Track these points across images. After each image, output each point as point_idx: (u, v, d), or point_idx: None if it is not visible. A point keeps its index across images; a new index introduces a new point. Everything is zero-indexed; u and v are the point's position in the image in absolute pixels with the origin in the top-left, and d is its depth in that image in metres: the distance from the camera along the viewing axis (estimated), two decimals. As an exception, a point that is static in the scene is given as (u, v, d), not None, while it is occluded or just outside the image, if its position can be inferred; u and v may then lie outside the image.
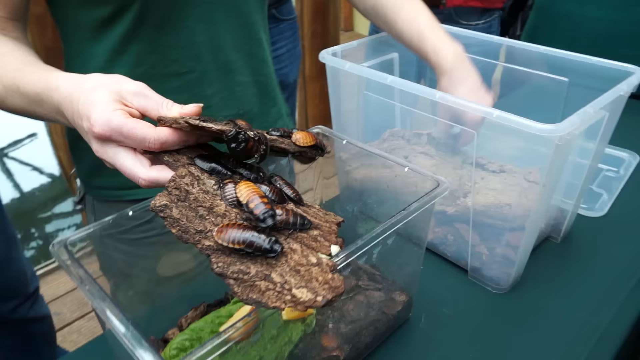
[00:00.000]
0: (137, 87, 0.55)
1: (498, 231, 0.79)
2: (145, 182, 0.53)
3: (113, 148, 0.53)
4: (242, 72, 0.84)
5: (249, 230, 0.46)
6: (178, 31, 0.74)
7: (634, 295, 0.80)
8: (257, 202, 0.47)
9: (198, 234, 0.49)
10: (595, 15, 1.41)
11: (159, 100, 0.55)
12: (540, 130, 0.62)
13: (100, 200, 0.88)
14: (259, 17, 0.86)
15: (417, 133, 0.93)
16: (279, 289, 0.44)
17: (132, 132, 0.51)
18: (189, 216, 0.50)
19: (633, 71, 0.79)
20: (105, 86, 0.54)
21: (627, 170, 1.11)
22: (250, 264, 0.46)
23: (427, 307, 0.78)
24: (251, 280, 0.45)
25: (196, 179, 0.53)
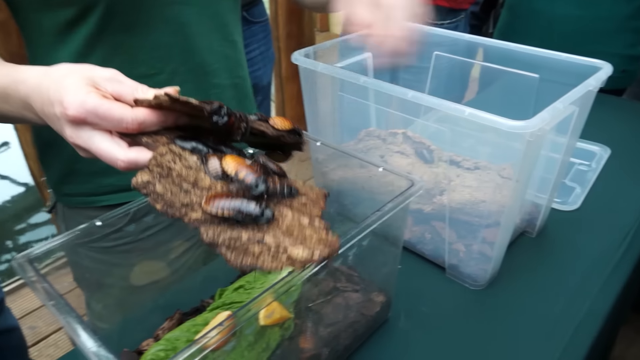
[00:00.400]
0: (110, 73, 0.53)
1: (474, 228, 0.80)
2: (124, 163, 0.50)
3: (88, 132, 0.50)
4: (219, 75, 0.83)
5: (238, 198, 0.46)
6: (145, 32, 0.73)
7: (607, 287, 0.81)
8: (247, 172, 0.47)
9: (184, 207, 0.48)
10: (564, 12, 1.43)
11: (134, 85, 0.53)
12: (511, 127, 0.62)
13: (70, 208, 0.86)
14: (233, 18, 0.85)
15: (393, 132, 0.93)
16: (274, 250, 0.44)
17: (108, 112, 0.49)
18: (174, 190, 0.49)
19: (601, 66, 0.80)
20: (76, 72, 0.52)
21: (598, 164, 1.12)
22: (241, 230, 0.45)
23: (406, 306, 0.78)
24: (244, 245, 0.44)
25: (177, 156, 0.52)
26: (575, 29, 1.43)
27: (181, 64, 0.77)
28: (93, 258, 0.77)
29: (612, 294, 0.80)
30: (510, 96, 0.97)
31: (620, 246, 0.89)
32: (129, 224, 0.65)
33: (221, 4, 0.80)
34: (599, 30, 1.42)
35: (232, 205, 0.45)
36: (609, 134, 1.22)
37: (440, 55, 1.03)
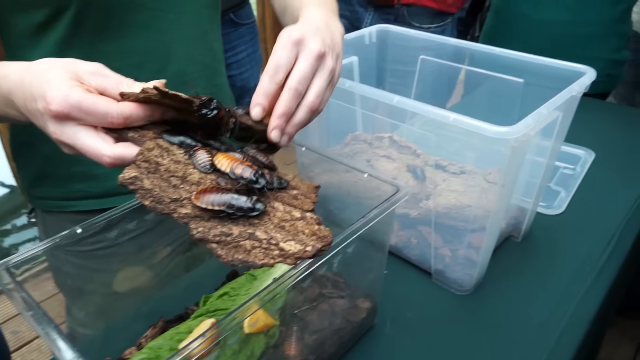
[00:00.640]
0: (94, 67, 0.51)
1: (460, 232, 0.80)
2: (111, 159, 0.49)
3: (72, 127, 0.48)
4: (198, 84, 0.82)
5: (228, 192, 0.45)
6: (119, 38, 0.72)
7: (592, 291, 0.81)
8: (243, 167, 0.47)
9: (173, 203, 0.47)
10: (550, 17, 1.44)
11: (119, 79, 0.52)
12: (495, 133, 0.62)
13: (46, 212, 0.85)
14: (213, 27, 0.84)
15: (379, 136, 0.93)
16: (266, 245, 0.43)
17: (93, 106, 0.47)
18: (162, 186, 0.48)
19: (584, 71, 0.80)
20: (59, 66, 0.50)
21: (583, 167, 1.13)
22: (232, 225, 0.45)
23: (392, 312, 0.78)
24: (235, 240, 0.44)
25: (165, 151, 0.51)
26: (561, 33, 1.44)
27: (157, 72, 0.76)
28: (74, 263, 0.76)
29: (597, 298, 0.81)
30: (496, 100, 0.98)
31: (605, 250, 0.90)
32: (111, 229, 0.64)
33: (201, 12, 0.79)
34: (584, 35, 1.43)
35: (223, 199, 0.45)
36: (594, 137, 1.23)
37: (426, 60, 1.03)
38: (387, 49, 1.09)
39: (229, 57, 1.64)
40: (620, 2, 1.41)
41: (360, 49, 1.01)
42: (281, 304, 0.64)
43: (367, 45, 1.05)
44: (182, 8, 0.76)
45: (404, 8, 1.70)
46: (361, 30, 1.03)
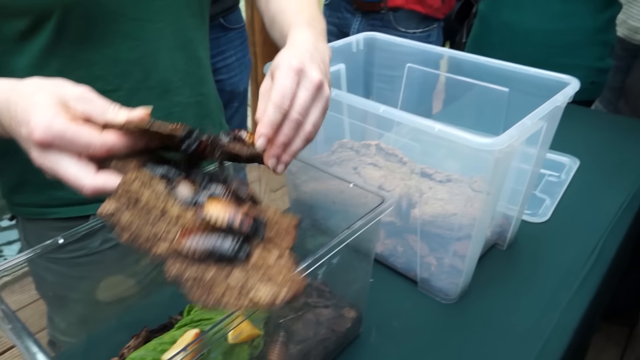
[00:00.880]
0: (80, 91, 0.51)
1: (446, 241, 0.80)
2: (90, 190, 0.48)
3: (55, 155, 0.48)
4: (182, 93, 0.81)
5: (213, 234, 0.45)
6: (101, 47, 0.71)
7: (576, 299, 0.82)
8: (240, 219, 0.45)
9: (150, 240, 0.46)
10: (534, 25, 1.46)
11: (105, 105, 0.52)
12: (480, 144, 0.63)
13: (27, 219, 0.84)
14: (199, 35, 0.83)
15: (366, 144, 0.93)
16: (239, 289, 0.43)
17: (75, 137, 0.47)
18: (140, 221, 0.47)
19: (569, 82, 0.81)
20: (45, 90, 0.50)
21: (568, 175, 1.14)
22: (207, 266, 0.44)
23: (378, 321, 0.78)
24: (209, 283, 0.43)
25: (147, 183, 0.50)
26: (545, 41, 1.45)
27: (141, 81, 0.75)
28: (56, 271, 0.75)
29: (582, 306, 0.81)
30: (482, 108, 0.98)
31: (590, 257, 0.91)
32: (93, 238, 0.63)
33: (186, 21, 0.79)
34: (568, 43, 1.45)
35: (206, 245, 0.44)
36: (578, 144, 1.24)
37: (412, 67, 1.04)
38: (374, 54, 1.09)
39: (218, 62, 1.63)
40: (603, 11, 1.42)
41: (347, 56, 1.01)
42: (266, 314, 0.64)
43: (355, 53, 1.05)
44: (166, 17, 0.75)
45: (390, 13, 1.71)
46: (348, 38, 1.03)
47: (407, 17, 1.71)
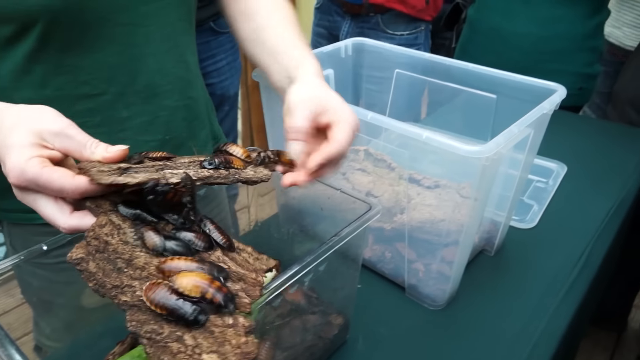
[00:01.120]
0: (59, 127, 0.51)
1: (433, 247, 0.80)
2: (66, 230, 0.51)
3: (32, 195, 0.51)
4: (170, 96, 0.81)
5: (176, 296, 0.44)
6: (88, 52, 0.70)
7: (563, 306, 0.82)
8: (213, 291, 0.44)
9: (114, 289, 0.47)
10: (523, 30, 1.47)
11: (82, 141, 0.52)
12: (467, 152, 0.63)
13: (12, 224, 0.83)
14: (187, 39, 0.83)
15: (354, 149, 0.93)
16: (190, 352, 0.42)
17: (47, 183, 0.49)
18: (106, 270, 0.48)
19: (556, 89, 0.81)
20: (24, 125, 0.51)
21: (555, 181, 1.15)
22: (164, 323, 0.44)
23: (365, 327, 0.78)
24: (164, 341, 0.43)
25: (117, 228, 0.51)
26: (533, 47, 1.46)
27: (127, 85, 0.75)
28: (41, 276, 0.74)
29: (569, 311, 0.82)
30: (470, 114, 0.99)
31: (577, 264, 0.91)
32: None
33: (174, 25, 0.78)
34: (557, 49, 1.46)
35: (169, 304, 0.44)
36: (566, 150, 1.25)
37: (401, 73, 1.04)
38: (363, 59, 1.09)
39: (209, 65, 1.63)
40: (592, 18, 1.44)
41: (336, 61, 1.01)
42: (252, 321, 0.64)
43: (343, 58, 1.06)
44: (155, 22, 0.75)
45: (378, 16, 1.73)
46: (337, 44, 1.03)
47: (395, 20, 1.73)
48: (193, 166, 0.57)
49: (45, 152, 0.50)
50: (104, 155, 0.52)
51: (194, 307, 0.44)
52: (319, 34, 1.92)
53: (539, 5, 1.43)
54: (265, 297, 0.51)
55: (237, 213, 1.00)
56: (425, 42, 1.82)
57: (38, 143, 0.50)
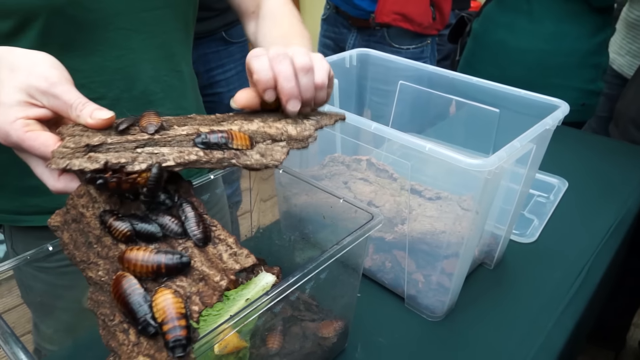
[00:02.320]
0: (46, 85, 0.50)
1: (434, 258, 0.80)
2: (53, 192, 0.51)
3: (23, 153, 0.51)
4: (163, 104, 0.82)
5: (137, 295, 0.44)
6: (87, 55, 0.71)
7: (561, 322, 0.82)
8: (172, 326, 0.42)
9: (82, 263, 0.48)
10: (527, 45, 1.48)
11: (69, 102, 0.50)
12: (469, 165, 0.63)
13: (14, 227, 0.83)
14: (182, 49, 0.84)
15: (357, 159, 0.94)
16: (131, 348, 0.43)
17: (30, 149, 0.49)
18: (78, 242, 0.49)
19: (559, 105, 0.82)
20: (13, 80, 0.50)
21: (556, 196, 1.15)
22: (116, 311, 0.45)
23: (364, 336, 0.78)
24: (113, 328, 0.44)
25: (92, 201, 0.50)
26: (537, 61, 1.47)
27: (125, 91, 0.76)
28: (43, 280, 0.74)
29: (567, 328, 0.82)
30: (473, 127, 1.00)
31: (576, 280, 0.91)
32: None
33: (171, 34, 0.80)
34: (560, 65, 1.47)
35: (130, 299, 0.43)
36: (568, 166, 1.25)
37: (405, 85, 1.05)
38: (367, 69, 1.10)
39: (218, 75, 1.65)
40: (596, 35, 1.45)
41: (341, 71, 1.02)
42: (252, 326, 0.64)
43: (348, 68, 1.06)
44: (152, 29, 0.76)
45: (384, 30, 1.74)
46: (342, 54, 1.04)
47: (400, 34, 1.74)
48: (187, 142, 0.51)
49: (32, 111, 0.49)
50: (87, 122, 0.50)
51: (148, 316, 0.42)
52: (325, 44, 1.93)
53: (543, 21, 1.44)
54: (266, 303, 0.52)
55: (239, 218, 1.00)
56: (431, 55, 1.83)
57: (25, 101, 0.49)
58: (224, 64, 1.64)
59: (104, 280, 0.46)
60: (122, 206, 0.50)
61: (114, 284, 0.44)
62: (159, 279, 0.45)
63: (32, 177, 0.77)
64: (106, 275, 0.47)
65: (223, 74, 1.65)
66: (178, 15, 0.80)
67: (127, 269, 0.45)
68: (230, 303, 0.73)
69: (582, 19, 1.42)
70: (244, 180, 0.90)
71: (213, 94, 1.65)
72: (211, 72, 1.62)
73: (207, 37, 1.56)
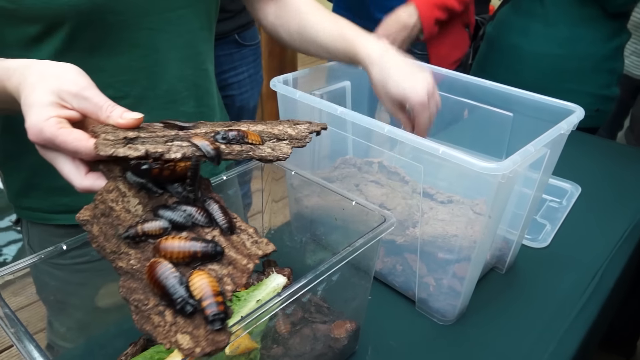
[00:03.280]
0: (77, 88, 0.53)
1: (445, 262, 0.80)
2: (80, 190, 0.53)
3: (52, 153, 0.53)
4: (187, 103, 0.82)
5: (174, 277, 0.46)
6: (112, 55, 0.72)
7: (573, 328, 0.82)
8: (210, 302, 0.44)
9: (112, 254, 0.50)
10: (541, 49, 1.47)
11: (99, 104, 0.54)
12: (483, 168, 0.63)
13: (31, 223, 0.84)
14: (207, 48, 0.85)
15: (369, 161, 0.94)
16: (168, 328, 0.44)
17: (63, 145, 0.51)
18: (108, 234, 0.51)
19: (574, 109, 0.81)
20: (45, 84, 0.53)
21: (569, 201, 1.14)
22: (150, 295, 0.46)
23: (374, 339, 0.78)
24: (147, 312, 0.45)
25: (122, 196, 0.53)
26: (551, 66, 1.46)
27: (148, 89, 0.77)
28: (57, 277, 0.75)
29: (579, 335, 0.81)
30: (485, 130, 0.99)
31: (588, 287, 0.91)
32: None
33: (195, 33, 0.80)
34: (575, 69, 1.46)
35: (167, 282, 0.45)
36: (581, 171, 1.24)
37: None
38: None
39: (231, 77, 1.65)
40: (611, 40, 1.44)
41: (353, 74, 1.02)
42: (263, 327, 0.64)
43: (361, 71, 1.06)
44: (177, 29, 0.77)
45: None
46: (356, 56, 1.04)
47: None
48: (207, 139, 0.55)
49: (63, 112, 0.52)
50: (118, 122, 0.53)
51: (185, 295, 0.45)
52: None
53: (558, 26, 1.43)
54: (278, 305, 0.52)
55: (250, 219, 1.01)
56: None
57: (57, 102, 0.52)
58: (236, 66, 1.65)
59: (136, 269, 0.48)
60: (150, 200, 0.53)
61: (150, 270, 0.46)
62: (192, 264, 0.48)
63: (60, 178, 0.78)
64: (138, 263, 0.49)
65: (235, 77, 1.66)
66: (202, 14, 0.80)
67: (164, 256, 0.48)
68: (242, 304, 0.74)
69: (597, 24, 1.41)
70: (255, 182, 0.91)
71: (225, 96, 1.66)
72: (223, 75, 1.63)
73: (220, 40, 1.56)
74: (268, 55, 2.82)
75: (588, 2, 1.39)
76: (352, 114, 0.78)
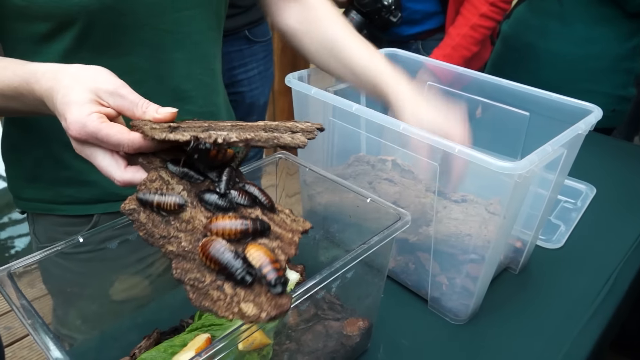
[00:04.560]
0: (113, 87, 0.55)
1: (458, 261, 0.80)
2: (120, 183, 0.54)
3: (90, 148, 0.54)
4: (194, 102, 0.83)
5: (230, 248, 0.47)
6: (121, 54, 0.73)
7: (587, 330, 0.81)
8: (270, 269, 0.46)
9: (162, 239, 0.51)
10: (557, 49, 1.45)
11: (135, 101, 0.56)
12: (500, 167, 0.63)
13: (36, 213, 0.85)
14: (215, 48, 0.85)
15: (382, 159, 0.93)
16: (229, 300, 0.45)
17: (106, 138, 0.52)
18: (155, 221, 0.52)
19: (591, 109, 0.81)
20: (81, 84, 0.54)
21: (584, 202, 1.13)
22: (206, 272, 0.47)
23: (386, 337, 0.78)
24: (205, 288, 0.46)
25: (165, 184, 0.54)
26: (568, 66, 1.45)
27: (155, 88, 0.77)
28: (69, 269, 0.76)
29: (592, 337, 0.80)
30: (501, 129, 0.98)
31: (603, 288, 0.90)
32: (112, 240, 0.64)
33: (205, 34, 0.81)
34: (591, 69, 1.44)
35: (224, 257, 0.47)
36: (596, 172, 1.23)
37: (433, 85, 1.04)
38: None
39: (241, 74, 1.64)
40: (629, 39, 1.42)
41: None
42: (277, 323, 0.64)
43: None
44: (187, 29, 0.77)
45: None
46: (371, 53, 1.03)
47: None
48: (235, 129, 0.59)
49: (101, 109, 0.54)
50: (154, 116, 0.55)
51: (244, 267, 0.46)
52: None
53: (575, 25, 1.42)
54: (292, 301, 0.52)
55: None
56: None
57: (95, 100, 0.54)
58: (246, 62, 1.64)
59: (188, 250, 0.49)
60: (193, 187, 0.55)
61: (204, 248, 0.48)
62: (243, 240, 0.50)
63: (65, 169, 0.79)
64: (190, 245, 0.50)
65: (245, 73, 1.65)
66: (210, 14, 0.80)
67: (216, 233, 0.50)
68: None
69: (615, 23, 1.40)
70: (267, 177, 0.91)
71: (235, 93, 1.65)
72: (233, 71, 1.62)
73: (231, 36, 1.56)
74: (280, 51, 2.81)
75: (606, 1, 1.37)
76: (368, 111, 0.78)
